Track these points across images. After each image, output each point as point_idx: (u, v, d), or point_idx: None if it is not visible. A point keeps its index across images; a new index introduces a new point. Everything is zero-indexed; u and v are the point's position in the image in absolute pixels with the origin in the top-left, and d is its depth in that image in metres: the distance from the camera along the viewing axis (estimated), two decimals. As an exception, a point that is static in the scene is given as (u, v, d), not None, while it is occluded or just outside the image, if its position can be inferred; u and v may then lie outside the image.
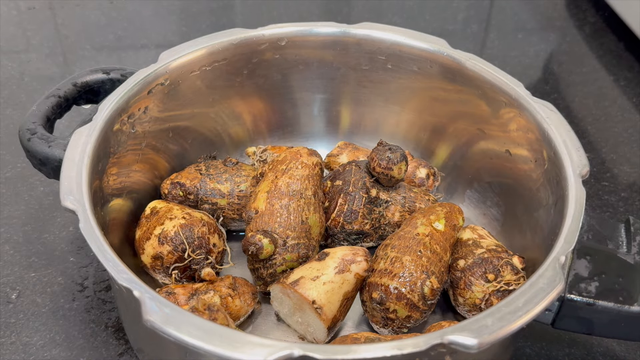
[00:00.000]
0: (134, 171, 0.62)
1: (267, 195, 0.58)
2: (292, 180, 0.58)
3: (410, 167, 0.67)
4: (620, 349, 0.60)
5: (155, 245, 0.57)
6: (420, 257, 0.54)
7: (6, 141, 0.78)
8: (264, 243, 0.55)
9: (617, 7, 0.99)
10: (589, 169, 0.54)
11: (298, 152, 0.60)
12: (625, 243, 0.53)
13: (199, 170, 0.64)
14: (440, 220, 0.58)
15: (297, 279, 0.54)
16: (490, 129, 0.65)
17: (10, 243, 0.67)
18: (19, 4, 1.03)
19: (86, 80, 0.65)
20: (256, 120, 0.73)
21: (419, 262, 0.54)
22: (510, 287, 0.55)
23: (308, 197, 0.58)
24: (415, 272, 0.54)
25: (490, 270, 0.55)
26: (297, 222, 0.57)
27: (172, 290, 0.55)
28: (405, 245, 0.56)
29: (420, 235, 0.56)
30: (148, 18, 1.02)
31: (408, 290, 0.53)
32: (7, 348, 0.58)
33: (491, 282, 0.55)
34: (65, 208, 0.49)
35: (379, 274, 0.55)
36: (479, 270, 0.56)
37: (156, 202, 0.62)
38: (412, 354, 0.41)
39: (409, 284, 0.53)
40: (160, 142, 0.65)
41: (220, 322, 0.47)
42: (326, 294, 0.53)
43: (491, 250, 0.57)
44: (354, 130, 0.75)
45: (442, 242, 0.57)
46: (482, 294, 0.55)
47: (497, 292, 0.55)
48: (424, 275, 0.54)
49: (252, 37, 0.67)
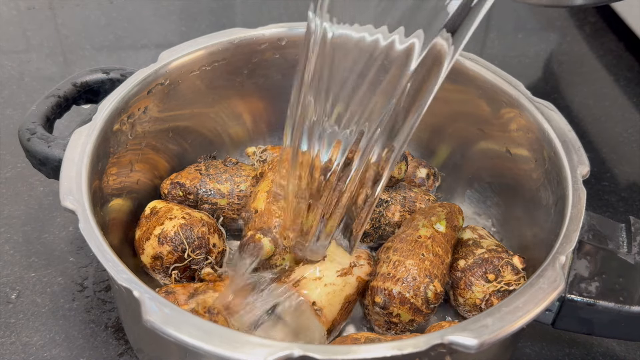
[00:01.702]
0: (134, 171, 0.62)
1: (267, 195, 0.58)
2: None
3: (410, 167, 0.67)
4: (620, 349, 0.60)
5: (155, 246, 0.57)
6: (423, 261, 0.54)
7: (6, 141, 0.78)
8: (265, 242, 0.55)
9: (617, 7, 0.99)
10: (589, 169, 0.54)
11: None
12: (625, 243, 0.53)
13: (198, 170, 0.64)
14: (441, 221, 0.58)
15: (299, 278, 0.54)
16: (490, 129, 0.65)
17: (10, 243, 0.67)
18: (19, 4, 1.03)
19: (86, 80, 0.65)
20: (256, 120, 0.73)
21: (422, 266, 0.54)
22: (510, 287, 0.55)
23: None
24: (419, 276, 0.53)
25: (490, 270, 0.55)
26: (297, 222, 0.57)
27: (172, 289, 0.55)
28: (408, 248, 0.55)
29: (422, 238, 0.56)
30: (148, 18, 1.02)
31: (412, 295, 0.53)
32: (7, 348, 0.58)
33: (492, 282, 0.55)
34: (65, 208, 0.49)
35: (382, 278, 0.54)
36: (479, 271, 0.56)
37: (156, 202, 0.62)
38: (412, 354, 0.41)
39: (412, 288, 0.53)
40: (160, 142, 0.65)
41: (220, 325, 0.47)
42: (327, 296, 0.53)
43: (491, 250, 0.57)
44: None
45: (444, 243, 0.57)
46: (482, 294, 0.55)
47: (497, 292, 0.55)
48: (427, 279, 0.53)
49: (252, 37, 0.67)
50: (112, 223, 0.57)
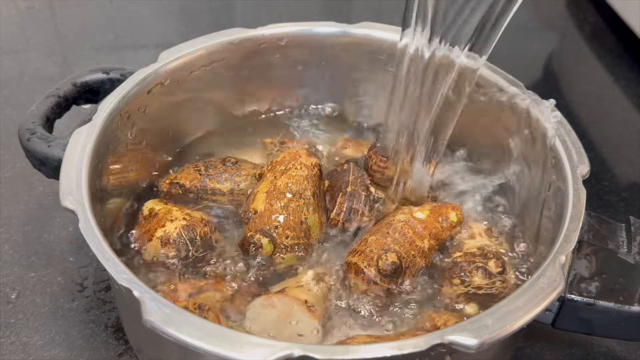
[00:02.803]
0: (134, 171, 0.62)
1: (266, 196, 0.58)
2: (291, 180, 0.58)
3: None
4: (620, 349, 0.60)
5: (157, 247, 0.57)
6: (384, 237, 0.56)
7: (6, 141, 0.78)
8: (264, 243, 0.55)
9: (617, 7, 0.99)
10: (589, 169, 0.54)
11: (297, 153, 0.61)
12: (625, 243, 0.53)
13: (198, 170, 0.64)
14: (423, 211, 0.58)
15: (282, 289, 0.54)
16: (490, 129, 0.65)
17: (10, 243, 0.67)
18: (18, 4, 1.03)
19: (86, 80, 0.65)
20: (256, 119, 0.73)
21: (382, 241, 0.56)
22: (480, 291, 0.55)
23: (307, 198, 0.58)
24: (375, 249, 0.55)
25: (457, 274, 0.56)
26: (296, 222, 0.57)
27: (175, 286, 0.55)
28: (377, 228, 0.57)
29: (395, 221, 0.57)
30: (148, 18, 1.02)
31: (365, 265, 0.55)
32: (7, 348, 0.58)
33: (458, 286, 0.55)
34: (65, 208, 0.49)
35: (350, 254, 0.57)
36: (448, 274, 0.57)
37: (153, 202, 0.61)
38: (412, 354, 0.41)
39: (367, 259, 0.55)
40: (160, 141, 0.65)
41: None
42: (314, 296, 0.54)
43: (468, 254, 0.57)
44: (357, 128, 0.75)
45: (419, 228, 0.57)
46: (450, 295, 0.56)
47: (466, 294, 0.55)
48: (382, 251, 0.55)
49: (252, 37, 0.67)
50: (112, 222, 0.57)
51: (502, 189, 0.65)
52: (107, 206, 0.57)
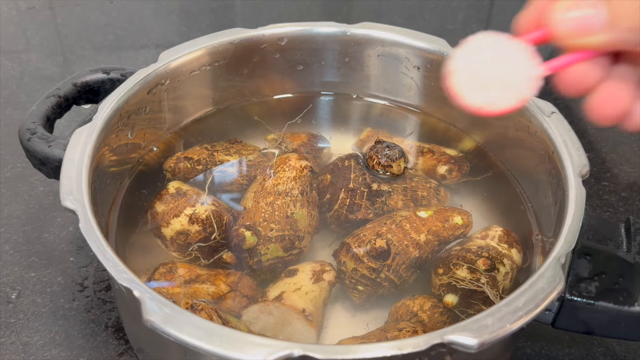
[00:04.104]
0: (133, 170, 0.62)
1: (254, 195, 0.59)
2: (278, 181, 0.60)
3: (429, 163, 0.66)
4: (620, 349, 0.60)
5: (184, 223, 0.58)
6: (380, 226, 0.57)
7: (6, 141, 0.78)
8: (247, 235, 0.57)
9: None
10: (589, 168, 0.54)
11: (287, 157, 0.62)
12: (625, 243, 0.53)
13: (205, 148, 0.64)
14: (428, 211, 0.59)
15: (279, 294, 0.54)
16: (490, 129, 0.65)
17: (10, 243, 0.67)
18: (19, 4, 1.03)
19: (86, 80, 0.65)
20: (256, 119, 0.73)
21: (377, 229, 0.57)
22: (462, 283, 0.55)
23: (294, 195, 0.59)
24: (369, 234, 0.57)
25: (442, 264, 0.56)
26: (281, 217, 0.58)
27: (176, 267, 0.55)
28: (378, 220, 0.59)
29: (396, 215, 0.59)
30: (148, 18, 1.02)
31: (356, 246, 0.56)
32: (7, 348, 0.58)
33: (441, 276, 0.56)
34: (65, 208, 0.49)
35: (347, 238, 0.58)
36: (435, 264, 0.57)
37: (178, 182, 0.61)
38: (412, 353, 0.41)
39: (359, 241, 0.57)
40: (160, 141, 0.65)
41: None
42: (311, 302, 0.54)
43: (464, 249, 0.57)
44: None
45: (418, 224, 0.58)
46: (435, 285, 0.56)
47: (448, 285, 0.55)
48: (374, 236, 0.56)
49: (252, 37, 0.67)
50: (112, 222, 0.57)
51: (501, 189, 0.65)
52: (108, 206, 0.57)
